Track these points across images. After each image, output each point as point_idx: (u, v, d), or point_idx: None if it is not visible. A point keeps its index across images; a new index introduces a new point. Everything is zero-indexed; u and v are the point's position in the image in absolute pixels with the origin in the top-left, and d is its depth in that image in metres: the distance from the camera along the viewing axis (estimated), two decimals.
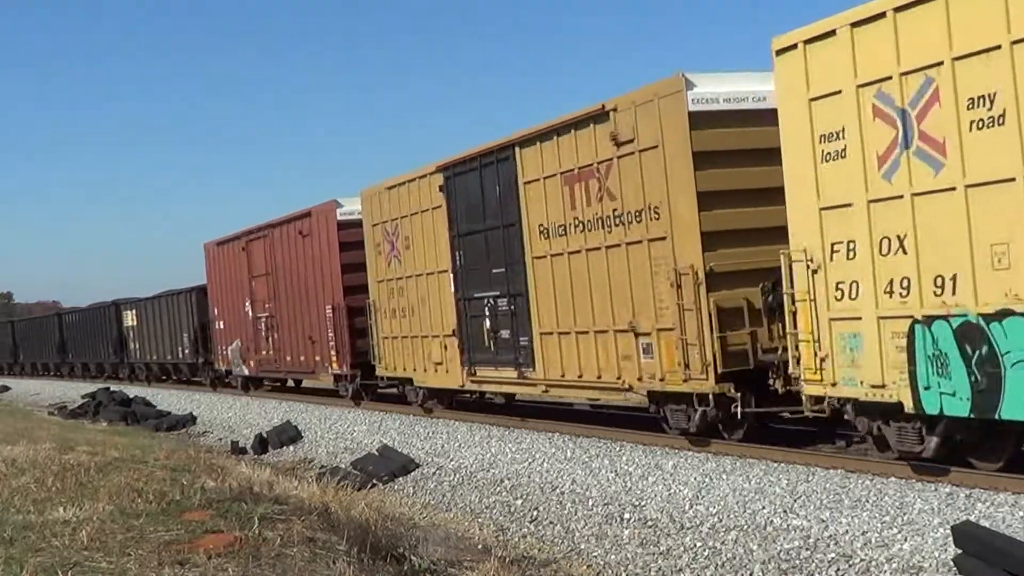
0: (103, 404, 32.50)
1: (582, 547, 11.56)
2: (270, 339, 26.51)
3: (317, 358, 23.78)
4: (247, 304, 27.73)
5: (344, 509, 9.85)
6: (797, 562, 9.57)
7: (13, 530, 7.63)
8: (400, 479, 16.54)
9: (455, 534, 12.17)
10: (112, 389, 36.17)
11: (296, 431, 22.28)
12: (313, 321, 23.63)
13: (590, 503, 12.73)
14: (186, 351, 33.80)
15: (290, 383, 29.26)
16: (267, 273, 26.11)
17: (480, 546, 11.63)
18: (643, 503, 12.13)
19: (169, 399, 32.60)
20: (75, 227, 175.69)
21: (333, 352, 22.81)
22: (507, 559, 10.27)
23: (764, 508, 10.85)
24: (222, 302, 29.86)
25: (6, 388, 50.35)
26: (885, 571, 8.91)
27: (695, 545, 10.61)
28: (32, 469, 11.36)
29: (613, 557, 11.03)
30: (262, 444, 21.95)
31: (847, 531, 9.77)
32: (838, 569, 9.22)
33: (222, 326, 29.93)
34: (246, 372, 28.56)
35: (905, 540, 9.23)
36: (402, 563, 8.32)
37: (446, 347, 18.32)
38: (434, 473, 16.34)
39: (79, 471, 11.03)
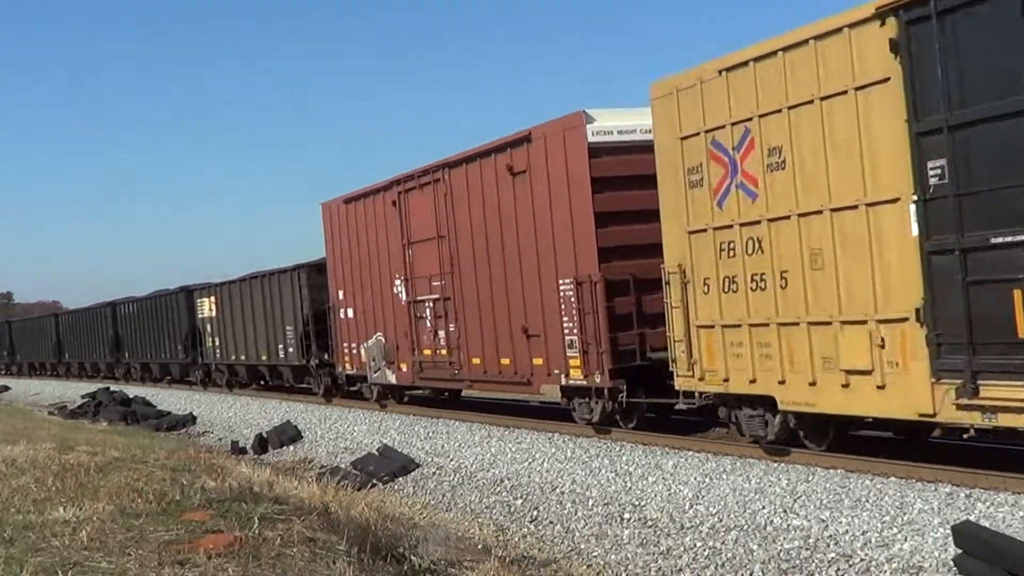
0: (103, 404, 32.53)
1: (582, 547, 11.56)
2: (440, 332, 18.63)
3: (537, 361, 16.02)
4: (398, 282, 19.96)
5: (344, 509, 9.85)
6: (797, 562, 9.57)
7: (13, 530, 7.63)
8: (400, 479, 16.55)
9: (455, 534, 12.17)
10: (112, 389, 36.18)
11: (296, 431, 22.28)
12: (532, 304, 15.95)
13: (590, 503, 12.73)
14: (290, 350, 25.93)
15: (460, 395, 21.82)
16: (438, 236, 18.29)
17: (480, 546, 11.62)
18: (643, 503, 12.13)
19: (169, 399, 32.60)
20: (75, 227, 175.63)
21: (574, 351, 15.06)
22: (507, 559, 10.26)
23: (764, 508, 10.85)
24: (352, 281, 21.98)
25: (6, 388, 50.35)
26: (885, 571, 8.91)
27: (695, 545, 10.61)
28: (32, 469, 11.36)
29: (613, 557, 11.03)
30: (262, 444, 21.96)
31: (847, 531, 9.77)
32: (838, 569, 9.22)
33: (350, 314, 22.10)
34: (392, 379, 20.53)
35: (905, 540, 9.23)
36: (402, 563, 8.32)
37: (884, 341, 10.38)
38: (434, 473, 16.34)
39: (79, 471, 11.02)
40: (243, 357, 29.33)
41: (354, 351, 22.16)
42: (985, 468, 10.31)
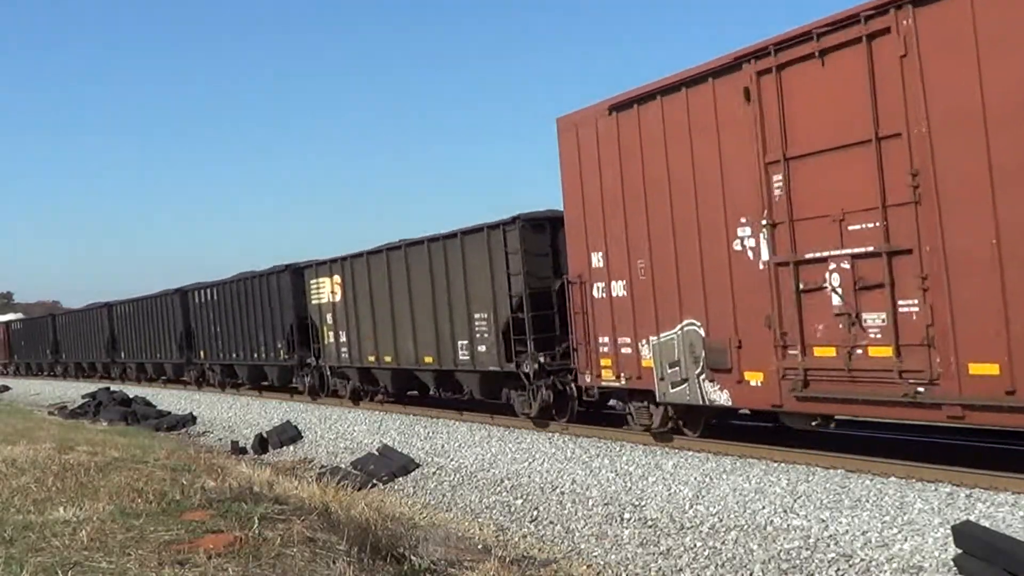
0: (103, 404, 32.51)
1: (582, 547, 11.56)
2: (873, 315, 10.42)
3: None
4: (745, 232, 11.87)
5: (344, 509, 9.85)
6: (797, 562, 9.57)
7: (13, 530, 7.63)
8: (400, 479, 16.55)
9: (455, 534, 12.16)
10: (112, 389, 36.18)
11: (296, 431, 22.28)
12: None
13: (590, 503, 12.73)
14: (482, 348, 17.54)
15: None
16: (877, 137, 10.14)
17: (480, 546, 11.62)
18: (643, 503, 12.13)
19: (169, 399, 32.58)
20: (75, 227, 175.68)
21: None
22: (507, 559, 10.26)
23: (764, 508, 10.86)
24: (623, 237, 13.84)
25: (6, 388, 50.34)
26: (885, 571, 8.91)
27: (695, 545, 10.61)
28: (32, 469, 11.36)
29: (613, 557, 11.04)
30: (262, 444, 21.96)
31: (847, 531, 9.77)
32: (838, 569, 9.22)
33: (618, 291, 13.96)
34: (722, 398, 12.42)
35: (905, 540, 9.23)
36: (402, 563, 8.31)
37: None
38: (434, 473, 16.34)
39: (79, 471, 11.02)
40: (399, 360, 22.17)
41: (624, 351, 13.98)
42: (985, 468, 10.31)
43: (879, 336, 10.39)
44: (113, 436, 19.92)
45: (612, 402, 16.12)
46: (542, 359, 16.09)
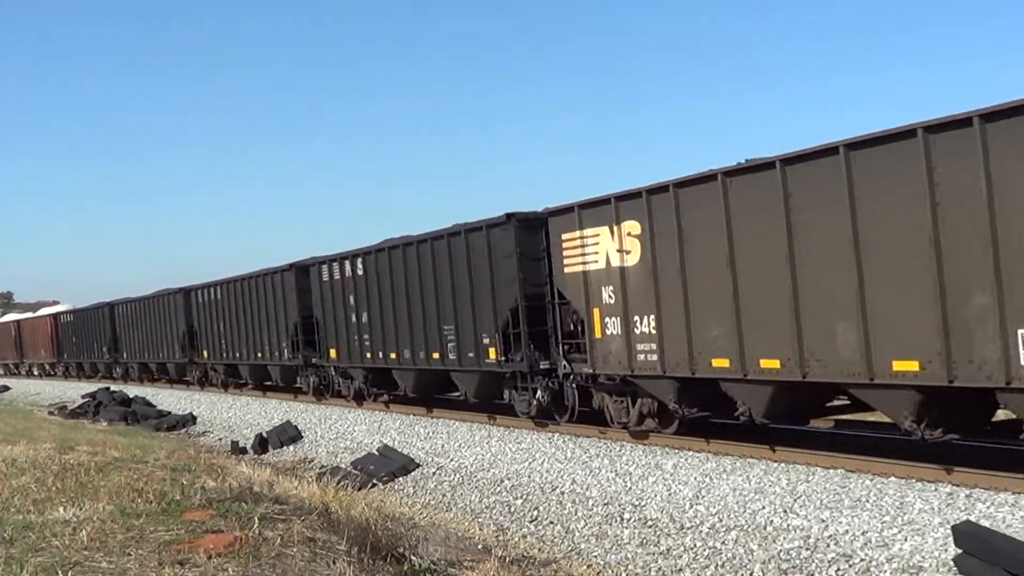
0: (103, 404, 32.50)
1: (582, 547, 11.56)
2: None
3: None
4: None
5: (344, 509, 9.85)
6: (797, 562, 9.57)
7: (13, 530, 7.63)
8: (400, 479, 16.54)
9: (455, 534, 12.16)
10: (112, 389, 36.17)
11: (296, 431, 22.28)
12: None
13: (590, 503, 12.73)
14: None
15: None
16: None
17: (480, 546, 11.62)
18: (643, 503, 12.13)
19: (169, 399, 32.59)
20: (75, 227, 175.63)
21: None
22: (507, 559, 10.26)
23: (764, 508, 10.86)
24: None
25: (6, 388, 50.35)
26: (885, 571, 8.91)
27: (695, 545, 10.61)
28: (32, 469, 11.36)
29: (613, 557, 11.03)
30: (262, 444, 21.95)
31: (847, 531, 9.77)
32: (838, 569, 9.22)
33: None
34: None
35: (905, 540, 9.23)
36: (402, 563, 8.31)
37: None
38: (434, 473, 16.34)
39: (79, 471, 11.02)
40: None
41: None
42: (985, 468, 10.31)
43: None
44: (113, 436, 19.92)
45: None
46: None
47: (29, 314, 61.52)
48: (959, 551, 8.24)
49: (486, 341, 17.08)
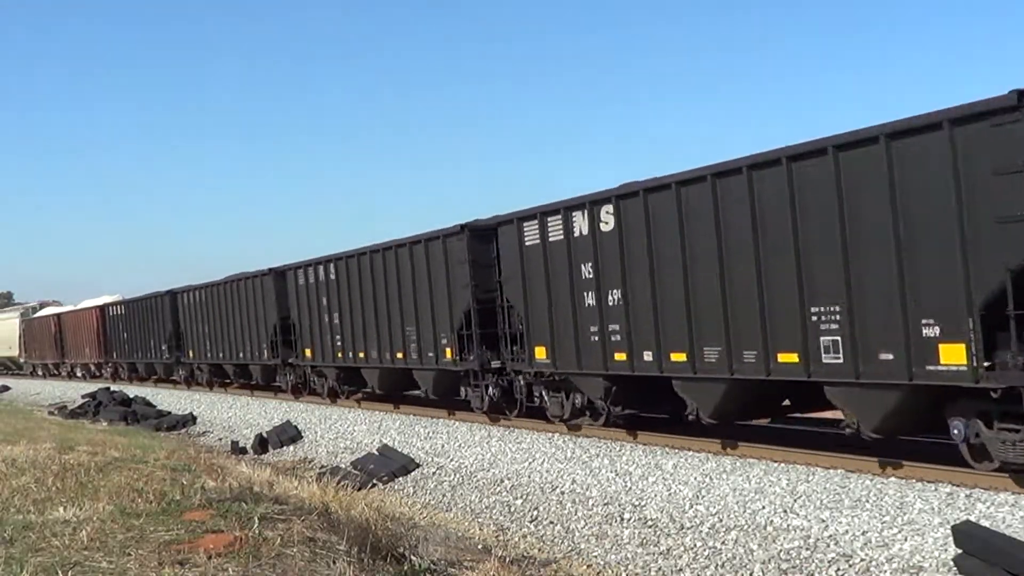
0: (103, 404, 32.51)
1: (582, 547, 11.56)
2: None
3: None
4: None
5: (344, 509, 9.85)
6: (797, 562, 9.57)
7: (13, 530, 7.64)
8: (400, 479, 16.55)
9: (455, 534, 12.17)
10: (112, 389, 36.18)
11: (296, 431, 22.28)
12: None
13: (590, 503, 12.73)
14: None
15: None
16: None
17: (480, 546, 11.63)
18: (643, 503, 12.13)
19: (169, 399, 32.60)
20: (75, 227, 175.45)
21: None
22: (507, 559, 10.27)
23: (764, 508, 10.86)
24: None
25: (6, 388, 50.32)
26: (885, 571, 8.91)
27: (695, 545, 10.61)
28: (32, 469, 11.37)
29: (613, 557, 11.03)
30: (262, 444, 21.96)
31: (847, 531, 9.77)
32: (838, 569, 9.22)
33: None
34: None
35: (905, 540, 9.23)
36: (402, 563, 8.32)
37: None
38: (434, 473, 16.34)
39: (79, 471, 11.03)
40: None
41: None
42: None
43: None
44: (113, 436, 19.92)
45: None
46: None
47: (71, 307, 53.29)
48: (959, 551, 8.24)
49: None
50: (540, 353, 15.78)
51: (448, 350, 18.23)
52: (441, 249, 18.21)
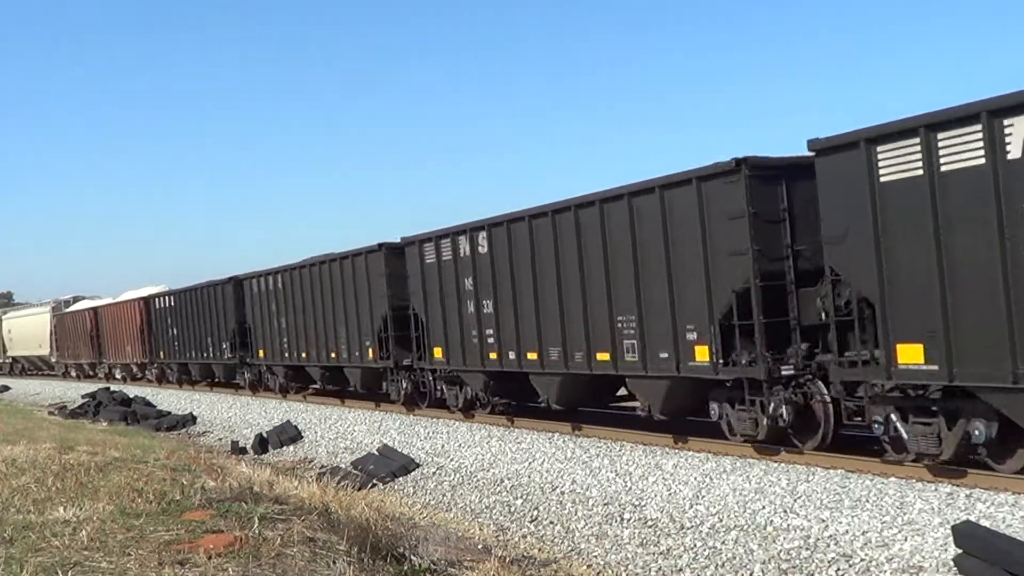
0: (103, 404, 32.48)
1: (582, 547, 11.56)
2: None
3: None
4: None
5: (344, 509, 9.85)
6: (797, 562, 9.57)
7: (13, 530, 7.63)
8: (400, 479, 16.55)
9: (455, 534, 12.17)
10: (112, 389, 36.15)
11: (296, 431, 22.28)
12: None
13: (590, 503, 12.73)
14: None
15: None
16: None
17: (480, 546, 11.62)
18: (643, 503, 12.13)
19: (169, 399, 32.59)
20: (75, 226, 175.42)
21: None
22: (507, 559, 10.26)
23: (764, 508, 10.86)
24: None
25: (6, 388, 50.26)
26: (885, 571, 8.91)
27: (695, 545, 10.61)
28: (32, 469, 11.36)
29: (613, 557, 11.03)
30: (262, 444, 21.95)
31: (847, 531, 9.77)
32: (838, 569, 9.22)
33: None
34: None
35: (905, 540, 9.23)
36: (402, 563, 8.32)
37: None
38: (434, 473, 16.34)
39: (79, 471, 11.02)
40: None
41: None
42: (985, 468, 10.30)
43: None
44: (113, 436, 19.91)
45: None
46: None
47: (109, 299, 46.23)
48: (959, 551, 8.24)
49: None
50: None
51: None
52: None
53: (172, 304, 34.13)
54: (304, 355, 24.81)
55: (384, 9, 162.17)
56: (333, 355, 23.18)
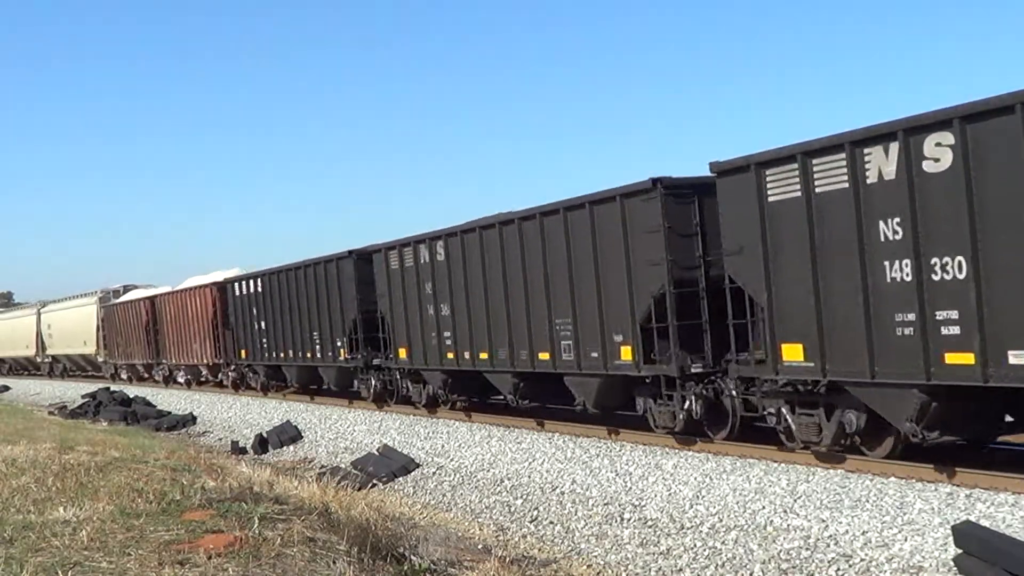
0: (103, 404, 32.47)
1: (582, 547, 11.56)
2: None
3: None
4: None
5: (344, 509, 9.85)
6: (797, 562, 9.57)
7: (13, 530, 7.63)
8: (400, 479, 16.55)
9: (455, 534, 12.17)
10: (112, 389, 36.14)
11: (296, 431, 22.29)
12: None
13: (590, 503, 12.73)
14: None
15: None
16: None
17: (480, 546, 11.63)
18: (643, 503, 12.13)
19: (169, 399, 32.59)
20: (75, 226, 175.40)
21: None
22: (507, 559, 10.26)
23: (764, 508, 10.86)
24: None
25: (6, 388, 50.23)
26: (885, 571, 8.91)
27: (695, 545, 10.61)
28: (32, 469, 11.36)
29: (613, 557, 11.03)
30: (262, 444, 21.96)
31: (847, 531, 9.77)
32: (838, 569, 9.22)
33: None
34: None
35: (905, 540, 9.23)
36: (402, 563, 8.32)
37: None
38: (434, 473, 16.34)
39: (79, 471, 11.02)
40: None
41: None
42: (985, 468, 10.31)
43: None
44: (113, 436, 19.91)
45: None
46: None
47: (167, 288, 37.66)
48: (959, 551, 8.24)
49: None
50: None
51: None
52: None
53: (258, 290, 27.10)
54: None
55: (386, 9, 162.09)
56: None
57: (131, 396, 33.68)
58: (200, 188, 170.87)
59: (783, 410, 11.88)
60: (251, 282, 27.86)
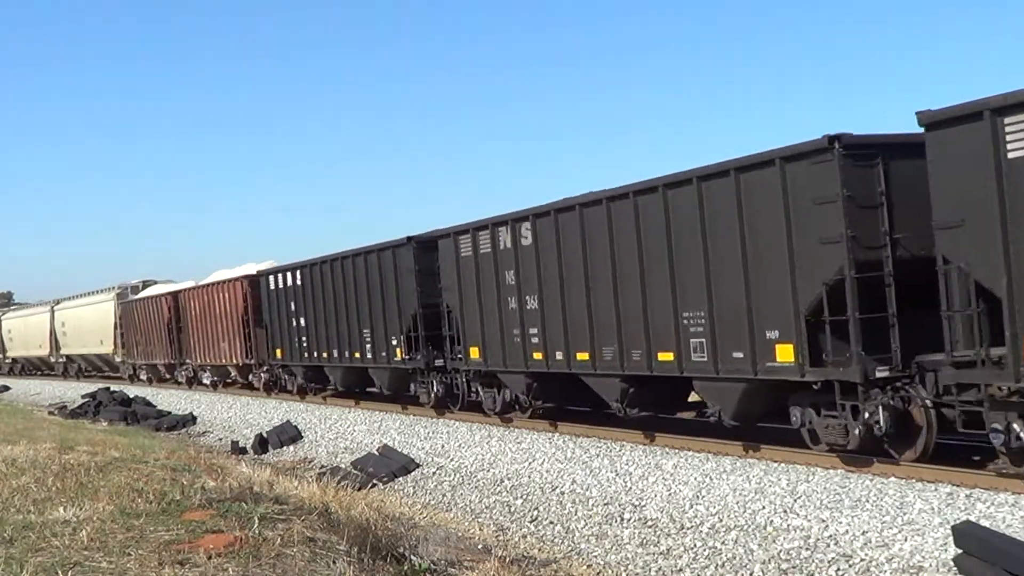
0: (103, 404, 32.47)
1: (582, 547, 11.56)
2: None
3: None
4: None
5: (344, 509, 9.85)
6: (797, 562, 9.57)
7: (13, 530, 7.63)
8: (400, 479, 16.55)
9: (455, 534, 12.17)
10: (112, 389, 36.14)
11: (296, 431, 22.29)
12: None
13: (590, 503, 12.73)
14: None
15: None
16: None
17: (480, 546, 11.63)
18: (643, 503, 12.14)
19: (169, 399, 32.59)
20: (75, 226, 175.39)
21: None
22: (507, 559, 10.26)
23: (764, 508, 10.86)
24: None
25: (6, 388, 50.20)
26: (885, 571, 8.92)
27: (695, 545, 10.61)
28: (32, 469, 11.36)
29: (613, 557, 11.04)
30: (262, 444, 21.96)
31: (847, 531, 9.77)
32: (838, 569, 9.23)
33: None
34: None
35: (905, 540, 9.23)
36: (402, 563, 8.32)
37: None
38: (434, 473, 16.34)
39: (79, 471, 11.02)
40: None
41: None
42: (985, 468, 10.31)
43: None
44: (113, 436, 19.91)
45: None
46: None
47: (190, 283, 35.42)
48: (959, 551, 8.24)
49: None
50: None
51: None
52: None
53: (296, 283, 25.04)
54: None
55: (391, 8, 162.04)
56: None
57: (131, 396, 33.69)
58: (200, 188, 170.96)
59: (1015, 425, 9.44)
60: (288, 274, 25.53)
